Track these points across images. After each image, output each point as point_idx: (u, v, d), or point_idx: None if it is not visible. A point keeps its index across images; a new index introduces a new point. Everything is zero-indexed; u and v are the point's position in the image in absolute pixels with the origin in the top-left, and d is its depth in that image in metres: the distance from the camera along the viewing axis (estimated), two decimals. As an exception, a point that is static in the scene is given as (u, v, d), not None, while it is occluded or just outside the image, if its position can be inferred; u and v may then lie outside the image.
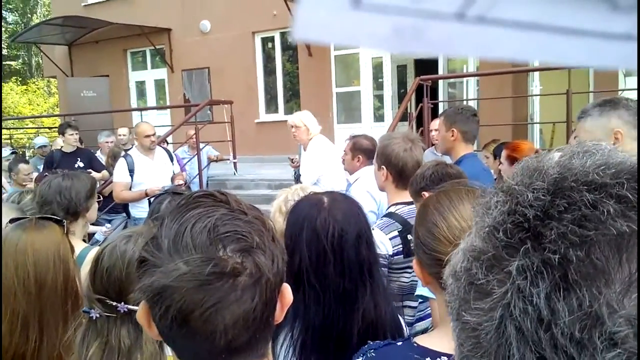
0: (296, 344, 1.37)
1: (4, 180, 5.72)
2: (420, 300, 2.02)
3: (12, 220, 1.51)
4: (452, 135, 2.92)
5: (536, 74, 7.76)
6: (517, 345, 0.35)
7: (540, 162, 0.40)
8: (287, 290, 0.77)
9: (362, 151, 3.35)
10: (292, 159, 4.68)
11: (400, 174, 2.29)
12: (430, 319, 1.87)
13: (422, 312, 2.12)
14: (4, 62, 30.04)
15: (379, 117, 10.40)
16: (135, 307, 0.74)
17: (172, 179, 4.92)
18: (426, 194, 1.65)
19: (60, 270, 1.40)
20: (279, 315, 0.76)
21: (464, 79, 9.10)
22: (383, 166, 2.34)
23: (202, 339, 0.68)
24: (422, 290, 1.75)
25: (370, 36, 0.33)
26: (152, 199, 3.07)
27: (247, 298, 0.68)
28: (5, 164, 6.06)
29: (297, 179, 4.54)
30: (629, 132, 1.80)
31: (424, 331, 1.89)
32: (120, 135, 7.05)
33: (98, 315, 1.22)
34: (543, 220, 0.36)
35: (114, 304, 1.21)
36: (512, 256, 0.37)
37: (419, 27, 0.32)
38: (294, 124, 4.34)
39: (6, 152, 6.46)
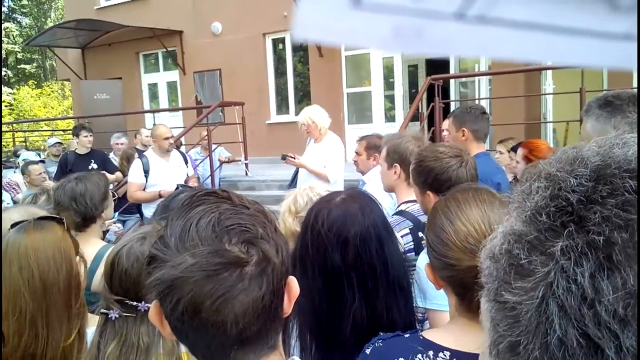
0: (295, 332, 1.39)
1: (12, 181, 5.83)
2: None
3: (13, 225, 1.54)
4: (463, 135, 2.91)
5: (549, 72, 7.69)
6: (560, 322, 0.36)
7: (580, 151, 0.42)
8: (293, 282, 0.79)
9: (378, 149, 3.34)
10: (293, 156, 4.47)
11: None
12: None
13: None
14: (19, 67, 30.48)
15: (390, 118, 10.38)
16: None
17: (186, 181, 4.97)
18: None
19: (63, 268, 1.43)
20: (287, 307, 0.78)
21: (476, 78, 9.05)
22: (396, 164, 2.34)
23: (214, 330, 0.70)
24: (422, 301, 1.74)
25: (370, 36, 0.33)
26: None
27: (255, 287, 0.70)
28: (15, 171, 6.16)
29: (295, 176, 4.51)
30: None
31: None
32: (146, 135, 7.01)
33: (117, 316, 1.24)
34: (586, 205, 0.38)
35: (135, 303, 1.24)
36: (555, 238, 0.38)
37: (419, 27, 0.32)
38: (304, 122, 4.31)
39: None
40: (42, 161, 6.95)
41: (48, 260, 1.40)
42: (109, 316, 1.25)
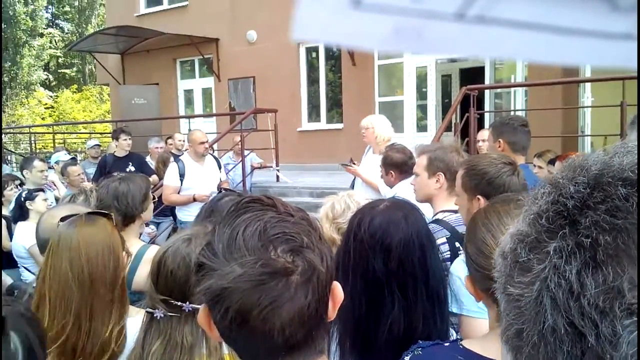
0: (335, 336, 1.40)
1: (58, 181, 6.06)
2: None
3: (63, 219, 1.60)
4: (499, 147, 2.89)
5: (588, 85, 7.53)
6: (551, 313, 0.41)
7: (585, 159, 0.46)
8: (337, 288, 0.80)
9: (392, 166, 3.27)
10: (352, 163, 4.36)
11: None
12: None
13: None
14: (59, 71, 31.55)
15: (421, 127, 10.32)
16: (199, 306, 0.78)
17: (219, 186, 5.05)
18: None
19: (110, 263, 1.48)
20: (332, 312, 0.79)
21: (512, 89, 8.91)
22: (440, 173, 2.34)
23: (261, 338, 0.71)
24: (453, 306, 1.72)
25: (370, 36, 0.34)
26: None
27: (301, 296, 0.71)
28: (58, 167, 6.41)
29: (352, 185, 4.44)
30: None
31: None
32: (179, 140, 7.41)
33: (162, 315, 1.27)
34: (581, 210, 0.42)
35: (179, 303, 1.26)
36: (551, 239, 0.43)
37: (419, 27, 0.33)
38: (364, 125, 4.27)
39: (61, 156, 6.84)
40: (74, 158, 7.23)
41: (97, 256, 1.46)
42: (154, 315, 1.28)
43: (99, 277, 1.44)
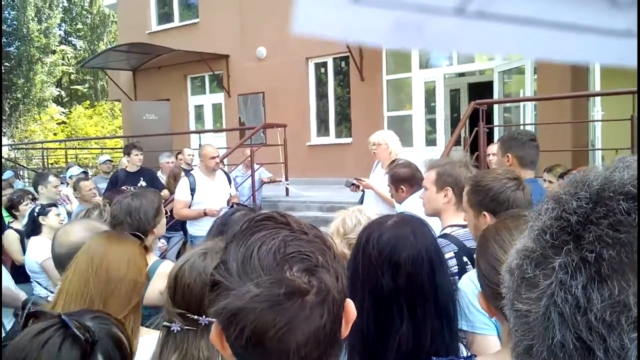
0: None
1: (71, 195, 6.17)
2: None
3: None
4: (508, 161, 2.90)
5: (597, 99, 7.50)
6: (559, 328, 0.42)
7: (586, 174, 0.46)
8: (350, 305, 0.79)
9: (402, 181, 3.29)
10: (356, 183, 4.38)
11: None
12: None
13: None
14: (72, 87, 32.03)
15: (430, 141, 10.33)
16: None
17: (229, 201, 5.08)
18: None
19: (129, 272, 1.51)
20: (345, 330, 0.78)
21: (521, 104, 8.90)
22: (449, 187, 2.35)
23: (276, 358, 0.71)
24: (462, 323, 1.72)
25: (370, 31, 0.34)
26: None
27: (316, 316, 0.71)
28: (71, 181, 6.51)
29: (361, 201, 4.43)
30: None
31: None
32: (188, 155, 7.56)
33: (179, 329, 1.28)
34: (584, 225, 0.43)
35: (196, 317, 1.27)
36: (556, 255, 0.43)
37: (419, 22, 0.32)
38: (376, 142, 4.32)
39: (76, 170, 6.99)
40: (85, 172, 7.37)
41: (120, 261, 1.50)
42: (171, 329, 1.29)
43: (117, 279, 1.48)
